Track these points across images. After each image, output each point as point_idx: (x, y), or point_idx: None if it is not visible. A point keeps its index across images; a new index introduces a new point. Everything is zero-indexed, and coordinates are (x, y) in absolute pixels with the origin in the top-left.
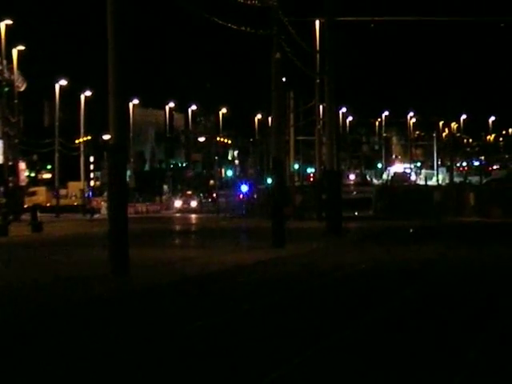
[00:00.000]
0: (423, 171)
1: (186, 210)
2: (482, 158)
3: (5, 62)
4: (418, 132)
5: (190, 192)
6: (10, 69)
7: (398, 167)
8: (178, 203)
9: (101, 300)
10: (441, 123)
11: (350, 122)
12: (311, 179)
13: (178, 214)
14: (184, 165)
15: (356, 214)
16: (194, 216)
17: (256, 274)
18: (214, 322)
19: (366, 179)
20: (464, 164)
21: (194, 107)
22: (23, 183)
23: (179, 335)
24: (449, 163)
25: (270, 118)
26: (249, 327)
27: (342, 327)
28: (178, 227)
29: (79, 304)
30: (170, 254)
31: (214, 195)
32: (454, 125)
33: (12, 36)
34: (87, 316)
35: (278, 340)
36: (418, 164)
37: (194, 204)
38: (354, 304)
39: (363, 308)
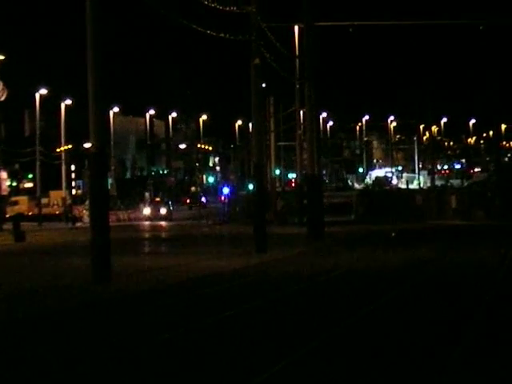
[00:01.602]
0: (404, 175)
1: (156, 217)
2: (463, 160)
3: None
4: (398, 136)
5: (158, 199)
6: None
7: (379, 171)
8: (146, 210)
9: (82, 308)
10: (421, 126)
11: (330, 126)
12: (292, 184)
13: (147, 222)
14: (165, 172)
15: (337, 219)
16: (171, 223)
17: (237, 280)
18: (197, 327)
19: (347, 184)
20: (445, 167)
21: (174, 114)
22: (5, 193)
23: (161, 340)
24: (430, 166)
25: (250, 124)
26: (234, 330)
27: (317, 335)
28: (160, 234)
29: (60, 312)
30: (153, 261)
31: (203, 200)
32: (434, 128)
33: None
34: (68, 324)
35: (260, 344)
36: (400, 168)
37: (163, 211)
38: (336, 306)
39: (345, 309)
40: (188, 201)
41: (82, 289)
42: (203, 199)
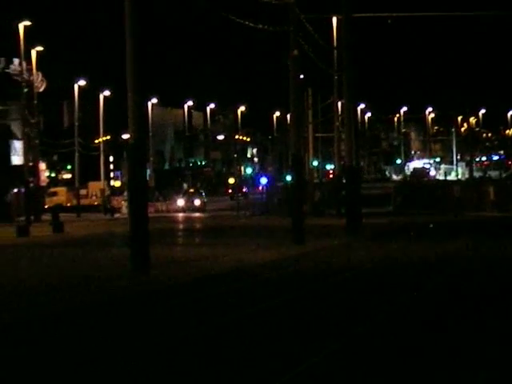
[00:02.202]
0: (442, 166)
1: (190, 208)
2: (502, 152)
3: (24, 63)
4: (436, 127)
5: (192, 190)
6: (29, 70)
7: (417, 163)
8: (180, 202)
9: (121, 299)
10: (459, 118)
11: (368, 118)
12: (330, 176)
13: (180, 214)
14: (203, 163)
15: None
16: (207, 215)
17: (275, 271)
18: (242, 315)
19: (385, 175)
20: (483, 159)
21: (212, 105)
22: (44, 184)
23: (209, 329)
24: (468, 158)
25: (288, 115)
26: (281, 319)
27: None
28: (197, 226)
29: (100, 303)
30: (190, 252)
31: (244, 190)
32: (472, 119)
33: (31, 37)
34: (107, 315)
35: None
36: (437, 159)
37: (197, 202)
38: (373, 299)
39: (385, 300)
40: (230, 191)
41: (122, 280)
42: (245, 189)
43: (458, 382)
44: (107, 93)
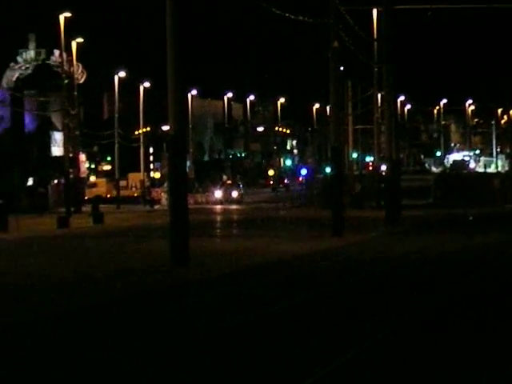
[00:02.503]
0: (482, 159)
1: (228, 200)
2: None
3: (64, 54)
4: (476, 119)
5: (230, 182)
6: (70, 61)
7: (456, 155)
8: (218, 193)
9: (161, 290)
10: (499, 110)
11: (408, 110)
12: (370, 168)
13: (218, 206)
14: (243, 155)
15: (415, 202)
16: (246, 207)
17: (315, 262)
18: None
19: (425, 167)
20: None
21: (252, 97)
22: (84, 175)
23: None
24: (508, 150)
25: (328, 107)
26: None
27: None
28: (236, 217)
29: (141, 293)
30: (229, 244)
31: (286, 181)
32: None
33: (71, 28)
34: (149, 305)
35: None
36: (477, 151)
37: (234, 194)
38: (416, 289)
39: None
40: (271, 182)
41: (162, 271)
42: (286, 181)
43: None
44: (147, 84)
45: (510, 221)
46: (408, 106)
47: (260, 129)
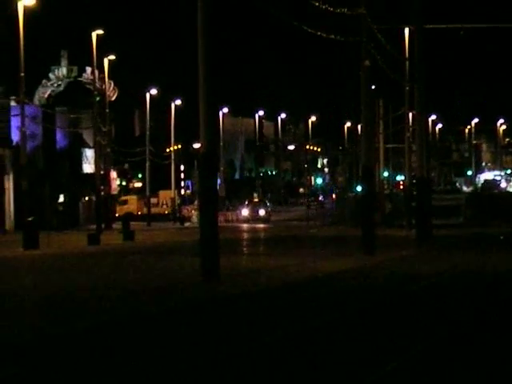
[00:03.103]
0: None
1: (255, 218)
2: None
3: (96, 71)
4: (508, 139)
5: (256, 199)
6: (102, 78)
7: (488, 174)
8: (245, 212)
9: (192, 307)
10: None
11: (439, 129)
12: (401, 186)
13: (245, 225)
14: (274, 173)
15: (446, 222)
16: (275, 225)
17: (346, 280)
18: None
19: (456, 186)
20: None
21: (283, 115)
22: (115, 192)
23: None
24: None
25: (359, 126)
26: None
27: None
28: (266, 235)
29: (173, 311)
30: (262, 261)
31: (321, 198)
32: None
33: (103, 46)
34: (180, 322)
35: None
36: (509, 171)
37: (262, 213)
38: (449, 309)
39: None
40: (306, 200)
41: (193, 288)
42: (321, 198)
43: None
44: (178, 102)
45: None
46: (439, 125)
47: (291, 147)
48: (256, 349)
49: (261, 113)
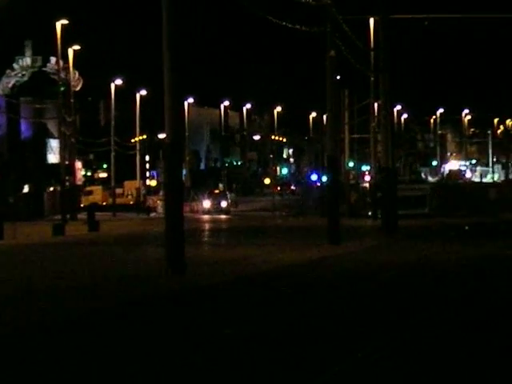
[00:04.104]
0: (478, 168)
1: (217, 210)
2: None
3: (61, 61)
4: (472, 129)
5: (217, 191)
6: (66, 68)
7: (452, 164)
8: (206, 203)
9: (157, 298)
10: (496, 120)
11: (404, 119)
12: (366, 177)
13: (207, 216)
14: (239, 163)
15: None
16: (233, 217)
17: (314, 271)
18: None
19: (421, 176)
20: None
21: (248, 106)
22: (80, 182)
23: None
24: (504, 160)
25: (324, 116)
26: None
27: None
28: (231, 226)
29: (136, 302)
30: (226, 252)
31: (293, 187)
32: (509, 121)
33: (68, 36)
34: (144, 314)
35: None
36: (473, 161)
37: (224, 204)
38: (411, 301)
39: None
40: (278, 188)
41: (158, 279)
42: (293, 187)
43: None
44: (144, 92)
45: (506, 230)
46: (405, 116)
47: (256, 137)
48: (215, 341)
49: (226, 103)
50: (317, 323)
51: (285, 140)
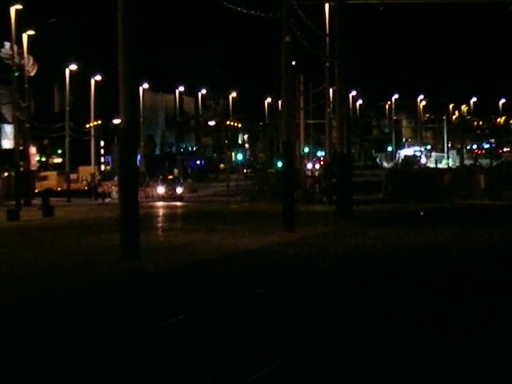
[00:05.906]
0: (433, 154)
1: (171, 196)
2: (493, 140)
3: (15, 46)
4: (427, 115)
5: (171, 176)
6: (21, 53)
7: (408, 150)
8: (160, 189)
9: (111, 284)
10: (451, 106)
11: (359, 105)
12: (321, 163)
13: (160, 203)
14: (194, 149)
15: (366, 197)
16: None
17: (266, 257)
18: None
19: (376, 162)
20: (474, 147)
21: (203, 91)
22: (34, 168)
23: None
24: (459, 146)
25: (279, 102)
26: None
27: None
28: (186, 211)
29: (86, 289)
30: (181, 238)
31: (245, 171)
32: (464, 107)
33: (22, 20)
34: (97, 300)
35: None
36: (428, 147)
37: (179, 190)
38: (367, 282)
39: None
40: (245, 171)
41: (112, 264)
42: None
43: None
44: (99, 77)
45: (460, 216)
46: (360, 101)
47: (211, 123)
48: (163, 329)
49: (181, 88)
50: (266, 307)
51: (240, 126)
